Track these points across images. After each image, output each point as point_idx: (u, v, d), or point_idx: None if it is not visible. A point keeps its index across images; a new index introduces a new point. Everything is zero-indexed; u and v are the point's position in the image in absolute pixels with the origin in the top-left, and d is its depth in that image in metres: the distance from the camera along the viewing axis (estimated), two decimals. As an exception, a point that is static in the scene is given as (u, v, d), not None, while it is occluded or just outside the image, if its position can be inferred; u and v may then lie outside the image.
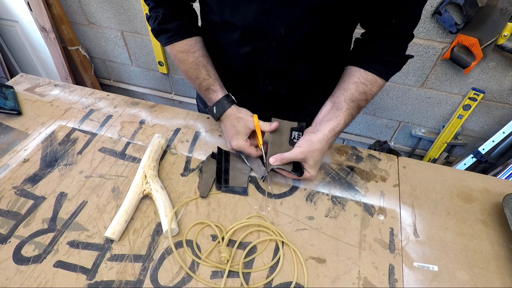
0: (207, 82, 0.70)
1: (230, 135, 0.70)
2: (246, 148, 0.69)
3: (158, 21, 0.68)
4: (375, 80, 0.66)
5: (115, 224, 0.58)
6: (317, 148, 0.64)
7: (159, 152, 0.72)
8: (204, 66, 0.70)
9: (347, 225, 0.63)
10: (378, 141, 1.75)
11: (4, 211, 0.62)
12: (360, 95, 0.66)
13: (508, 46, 1.19)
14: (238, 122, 0.69)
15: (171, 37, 0.69)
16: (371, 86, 0.66)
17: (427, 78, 1.43)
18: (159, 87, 2.00)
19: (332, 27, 0.64)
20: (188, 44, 0.70)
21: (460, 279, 0.57)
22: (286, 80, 0.75)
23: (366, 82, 0.66)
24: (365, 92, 0.66)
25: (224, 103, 0.69)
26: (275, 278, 0.55)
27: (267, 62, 0.70)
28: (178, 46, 0.70)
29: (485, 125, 1.53)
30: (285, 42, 0.65)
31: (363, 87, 0.66)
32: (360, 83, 0.66)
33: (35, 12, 1.62)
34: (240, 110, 0.70)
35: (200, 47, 0.71)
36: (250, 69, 0.73)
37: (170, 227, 0.58)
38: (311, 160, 0.64)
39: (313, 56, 0.71)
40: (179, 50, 0.70)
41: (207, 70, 0.70)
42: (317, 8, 0.58)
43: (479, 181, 0.73)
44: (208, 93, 0.71)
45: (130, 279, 0.54)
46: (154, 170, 0.67)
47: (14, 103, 0.82)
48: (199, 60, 0.70)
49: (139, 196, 0.63)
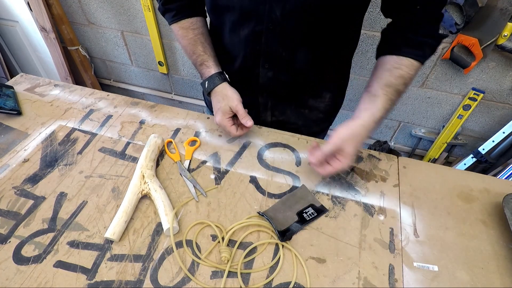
0: (201, 58, 0.74)
1: (215, 111, 0.73)
2: (227, 126, 0.71)
3: (162, 1, 0.75)
4: (410, 63, 0.63)
5: (114, 224, 0.58)
6: (356, 134, 0.60)
7: (156, 152, 0.72)
8: (201, 43, 0.74)
9: (347, 225, 0.63)
10: (378, 141, 1.75)
11: (4, 211, 0.62)
12: (396, 79, 0.63)
13: (508, 46, 1.19)
14: (223, 99, 0.71)
15: (174, 15, 0.75)
16: (408, 70, 0.63)
17: (427, 78, 1.43)
18: (159, 87, 2.00)
19: (333, 11, 0.62)
20: (189, 22, 0.75)
21: (460, 279, 0.57)
22: (286, 66, 0.74)
23: (401, 66, 0.63)
24: (402, 76, 0.63)
25: (216, 79, 0.72)
26: (275, 278, 0.55)
27: (266, 46, 0.70)
28: (180, 23, 0.75)
29: (485, 125, 1.53)
30: (283, 25, 0.64)
31: (398, 71, 0.63)
32: (394, 69, 0.63)
33: (35, 12, 1.62)
34: (228, 89, 0.72)
35: (200, 26, 0.76)
36: (250, 54, 0.73)
37: (172, 225, 0.58)
38: (350, 147, 0.59)
39: (314, 42, 0.69)
40: (181, 26, 0.75)
41: (203, 47, 0.74)
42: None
43: (479, 181, 0.73)
44: (202, 68, 0.75)
45: (130, 279, 0.54)
46: (151, 170, 0.68)
47: (14, 103, 0.82)
48: (198, 37, 0.75)
49: (138, 196, 0.63)
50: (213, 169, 0.72)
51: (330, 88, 0.83)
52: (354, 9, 0.66)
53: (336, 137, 0.60)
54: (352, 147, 0.60)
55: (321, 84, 0.81)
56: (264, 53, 0.72)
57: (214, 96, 0.73)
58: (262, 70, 0.76)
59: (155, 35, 1.64)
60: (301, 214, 0.64)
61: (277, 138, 0.79)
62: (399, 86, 0.63)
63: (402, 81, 0.63)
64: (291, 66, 0.74)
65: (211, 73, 0.73)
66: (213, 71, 0.73)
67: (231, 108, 0.70)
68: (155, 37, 1.66)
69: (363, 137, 0.61)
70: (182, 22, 0.75)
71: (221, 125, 0.72)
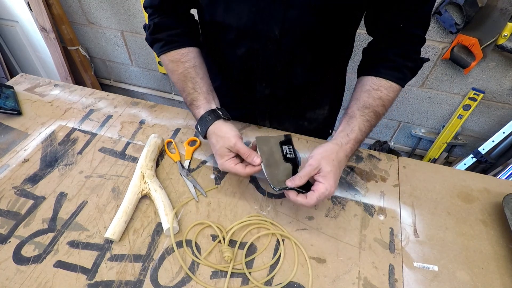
0: (191, 97, 0.66)
1: (214, 155, 0.64)
2: (231, 169, 0.60)
3: (150, 30, 0.68)
4: (389, 85, 0.62)
5: (115, 224, 0.58)
6: (330, 152, 0.57)
7: (156, 152, 0.72)
8: (191, 78, 0.66)
9: (347, 225, 0.63)
10: (378, 141, 1.75)
11: (4, 211, 0.62)
12: (375, 101, 0.62)
13: (508, 46, 1.19)
14: (217, 141, 0.61)
15: (162, 46, 0.68)
16: (386, 92, 0.62)
17: (427, 78, 1.43)
18: (159, 87, 2.00)
19: (329, 28, 0.62)
20: (180, 54, 0.67)
21: (460, 279, 0.57)
22: (283, 82, 0.73)
23: (380, 88, 0.62)
24: (380, 97, 0.62)
25: (206, 120, 0.63)
26: (275, 277, 0.55)
27: (263, 64, 0.69)
28: (169, 55, 0.67)
29: (485, 125, 1.53)
30: (281, 43, 0.63)
31: (377, 93, 0.62)
32: (372, 90, 0.62)
33: (35, 12, 1.61)
34: (222, 127, 0.62)
35: (192, 57, 0.67)
36: (247, 71, 0.72)
37: (172, 225, 0.58)
38: (326, 166, 0.55)
39: (310, 58, 0.68)
40: (170, 59, 0.68)
41: (193, 83, 0.66)
42: (313, 7, 0.57)
43: (479, 181, 0.73)
44: (192, 108, 0.67)
45: (130, 279, 0.54)
46: (151, 170, 0.68)
47: (14, 103, 0.82)
48: (188, 71, 0.66)
49: (138, 196, 0.63)
50: (213, 169, 0.72)
51: (328, 100, 0.84)
52: (350, 25, 0.66)
53: (310, 158, 0.57)
54: (329, 166, 0.55)
55: (318, 97, 0.82)
56: (261, 70, 0.70)
57: (209, 139, 0.64)
58: (259, 86, 0.74)
59: (155, 35, 1.64)
60: (286, 157, 0.61)
61: (277, 138, 0.79)
62: (377, 107, 0.62)
63: (380, 103, 0.62)
64: (288, 82, 0.73)
65: (201, 113, 0.64)
66: (202, 111, 0.64)
67: (230, 149, 0.60)
68: (155, 37, 1.66)
69: (340, 157, 0.57)
70: (171, 53, 0.67)
71: (224, 169, 0.61)
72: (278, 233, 0.60)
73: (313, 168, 0.55)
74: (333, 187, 0.54)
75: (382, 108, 0.62)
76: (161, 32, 0.67)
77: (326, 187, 0.54)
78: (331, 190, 0.54)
